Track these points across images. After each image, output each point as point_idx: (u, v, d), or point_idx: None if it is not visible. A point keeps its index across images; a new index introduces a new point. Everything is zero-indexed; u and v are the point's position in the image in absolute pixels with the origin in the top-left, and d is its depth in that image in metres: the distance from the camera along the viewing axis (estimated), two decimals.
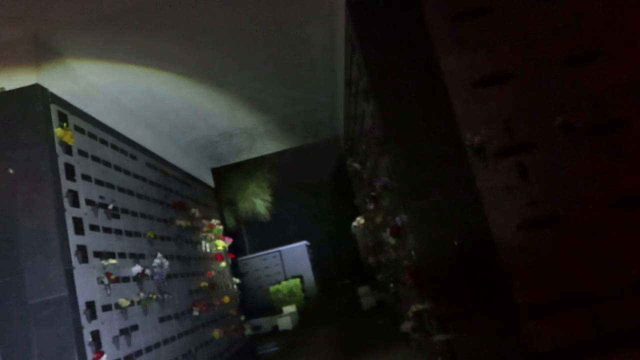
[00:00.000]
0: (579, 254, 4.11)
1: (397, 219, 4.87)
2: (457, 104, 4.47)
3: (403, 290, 5.99)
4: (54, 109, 4.73)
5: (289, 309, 13.93)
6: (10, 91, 4.60)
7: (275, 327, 12.65)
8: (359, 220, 12.19)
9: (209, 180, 10.46)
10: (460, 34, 4.59)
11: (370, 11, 4.81)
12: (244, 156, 11.51)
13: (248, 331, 9.72)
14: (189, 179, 8.71)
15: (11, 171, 4.42)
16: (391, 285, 7.46)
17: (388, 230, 5.32)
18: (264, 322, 12.85)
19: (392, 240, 5.41)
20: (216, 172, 11.18)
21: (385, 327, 8.94)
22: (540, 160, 4.30)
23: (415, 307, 4.45)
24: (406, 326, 4.71)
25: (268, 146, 10.98)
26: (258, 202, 20.14)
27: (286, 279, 18.71)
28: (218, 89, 7.15)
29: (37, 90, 4.60)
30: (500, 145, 4.35)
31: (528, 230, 4.19)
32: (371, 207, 6.79)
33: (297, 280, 17.65)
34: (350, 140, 8.70)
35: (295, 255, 21.91)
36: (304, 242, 22.60)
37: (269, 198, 20.66)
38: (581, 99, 4.34)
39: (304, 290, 18.19)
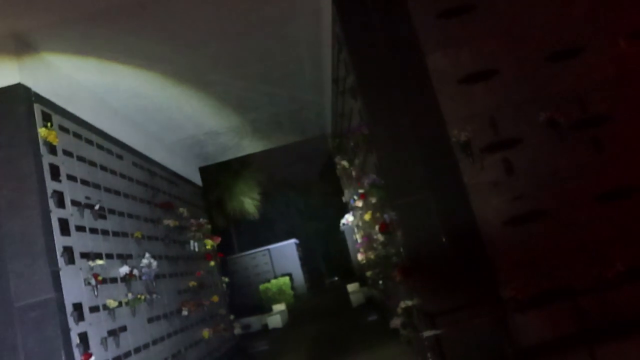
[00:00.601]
0: (564, 247, 4.17)
1: (385, 215, 4.89)
2: (443, 100, 4.50)
3: (392, 287, 6.02)
4: (37, 108, 4.67)
5: (279, 307, 13.93)
6: None
7: (265, 326, 12.65)
8: (348, 218, 12.23)
9: (197, 180, 10.41)
10: (445, 31, 4.62)
11: (356, 9, 4.81)
12: (232, 155, 11.48)
13: (238, 330, 9.70)
14: (176, 179, 8.66)
15: None
16: (380, 281, 7.50)
17: (377, 227, 5.34)
18: (254, 321, 12.84)
19: (381, 237, 5.44)
20: (204, 171, 11.13)
21: (375, 324, 8.99)
22: (525, 155, 4.34)
23: (404, 303, 4.47)
24: (395, 322, 4.74)
25: (255, 145, 10.95)
26: (246, 200, 20.11)
27: (275, 277, 18.69)
28: (204, 87, 7.11)
29: (20, 90, 4.54)
30: (486, 141, 4.39)
31: (514, 225, 4.23)
32: (360, 204, 6.81)
33: (287, 279, 17.66)
34: (338, 138, 8.72)
35: (285, 253, 21.91)
36: (293, 240, 22.60)
37: (257, 196, 20.64)
38: (565, 94, 4.39)
39: (293, 288, 18.21)
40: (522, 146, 4.35)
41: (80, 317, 4.38)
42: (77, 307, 4.39)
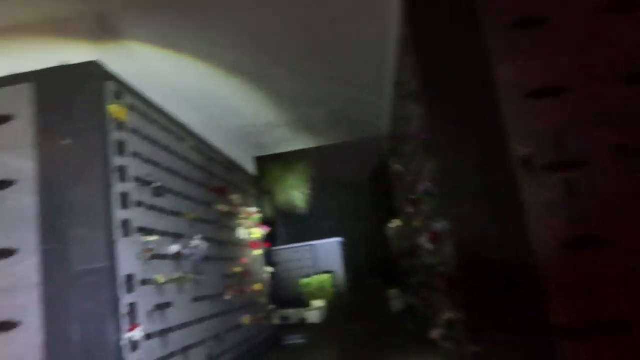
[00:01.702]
0: (625, 278, 3.95)
1: (436, 224, 4.81)
2: (508, 113, 4.36)
3: (435, 297, 5.92)
4: (109, 85, 4.90)
5: (318, 303, 14.00)
6: (70, 65, 4.77)
7: (303, 320, 12.75)
8: (396, 223, 12.10)
9: (251, 169, 10.62)
10: (516, 43, 4.47)
11: (426, 13, 4.75)
12: (287, 148, 11.62)
13: (276, 321, 9.85)
14: (231, 165, 8.87)
15: (67, 142, 4.61)
16: (423, 290, 7.39)
17: (426, 235, 5.26)
18: (292, 314, 12.96)
19: (429, 246, 5.36)
20: (258, 161, 11.34)
21: (414, 332, 8.87)
22: (589, 178, 4.14)
23: (446, 315, 4.39)
24: (436, 333, 4.67)
25: (310, 140, 11.04)
26: (296, 194, 20.27)
27: (317, 274, 18.77)
28: (266, 80, 7.23)
29: (95, 67, 4.78)
30: (549, 160, 4.22)
31: (572, 249, 4.05)
32: (410, 210, 6.73)
33: (328, 276, 17.69)
34: (394, 142, 8.65)
35: (328, 250, 21.95)
36: (337, 239, 22.60)
37: (307, 191, 20.75)
38: (638, 119, 4.15)
39: (333, 286, 18.22)
40: (587, 168, 4.15)
41: (130, 288, 4.59)
42: (129, 278, 4.59)
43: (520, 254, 4.10)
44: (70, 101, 4.72)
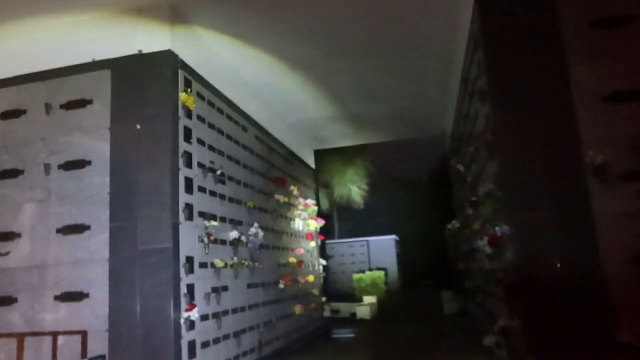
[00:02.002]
0: None
1: (497, 228, 4.66)
2: (582, 117, 4.14)
3: (491, 302, 5.75)
4: (181, 74, 5.08)
5: (370, 299, 13.97)
6: (145, 54, 5.00)
7: (354, 315, 12.75)
8: (454, 224, 11.83)
9: (310, 161, 10.70)
10: (596, 43, 4.23)
11: (499, 9, 4.58)
12: (347, 142, 11.62)
13: (327, 313, 9.92)
14: (291, 157, 8.98)
15: (138, 127, 4.83)
16: (479, 294, 7.19)
17: (485, 238, 5.11)
18: (343, 308, 12.99)
19: (488, 250, 5.20)
20: (317, 154, 11.41)
21: (465, 336, 8.65)
22: None
23: (502, 322, 4.26)
24: (490, 340, 4.54)
25: (372, 135, 10.98)
26: (354, 189, 20.25)
27: (370, 270, 18.70)
28: (332, 73, 7.25)
29: (168, 56, 4.97)
30: (625, 168, 3.97)
31: None
32: (470, 212, 6.56)
33: (382, 273, 17.57)
34: (457, 140, 8.42)
35: (383, 247, 21.81)
36: (392, 236, 22.41)
37: (364, 187, 20.68)
38: None
39: (386, 283, 18.09)
40: None
41: (190, 269, 4.76)
42: (189, 260, 4.77)
43: (587, 266, 3.90)
44: (143, 88, 4.93)
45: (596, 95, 4.15)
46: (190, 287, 4.73)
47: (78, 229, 4.79)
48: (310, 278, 8.82)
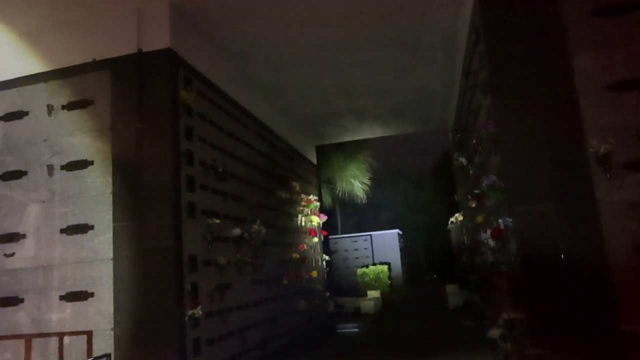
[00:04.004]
0: None
1: (500, 221, 4.65)
2: (586, 106, 4.10)
3: (495, 295, 5.74)
4: (181, 72, 5.07)
5: (374, 293, 13.98)
6: (146, 52, 4.98)
7: (358, 309, 12.78)
8: (457, 217, 11.81)
9: (312, 157, 10.69)
10: (600, 31, 4.18)
11: (500, 0, 4.54)
12: (349, 137, 11.59)
13: (331, 308, 9.92)
14: (293, 153, 8.97)
15: (140, 126, 4.82)
16: (483, 287, 7.18)
17: (489, 231, 5.10)
18: (348, 303, 13.02)
19: (491, 242, 5.18)
20: (319, 149, 11.39)
21: (470, 330, 8.66)
22: None
23: (507, 315, 4.24)
24: (494, 332, 4.53)
25: (374, 130, 10.94)
26: (356, 184, 20.20)
27: (374, 264, 18.70)
28: (334, 68, 7.22)
29: (169, 54, 4.96)
30: (629, 158, 3.94)
31: None
32: (473, 205, 6.53)
33: (385, 267, 17.56)
34: (459, 133, 8.38)
35: (386, 241, 21.77)
36: (396, 230, 22.39)
37: (367, 181, 20.64)
38: None
39: (390, 278, 18.09)
40: None
41: (193, 267, 4.77)
42: (192, 258, 4.77)
43: (591, 257, 3.87)
44: (144, 87, 4.92)
45: (599, 85, 4.10)
46: (194, 285, 4.73)
47: (82, 229, 4.80)
48: (314, 274, 8.82)
